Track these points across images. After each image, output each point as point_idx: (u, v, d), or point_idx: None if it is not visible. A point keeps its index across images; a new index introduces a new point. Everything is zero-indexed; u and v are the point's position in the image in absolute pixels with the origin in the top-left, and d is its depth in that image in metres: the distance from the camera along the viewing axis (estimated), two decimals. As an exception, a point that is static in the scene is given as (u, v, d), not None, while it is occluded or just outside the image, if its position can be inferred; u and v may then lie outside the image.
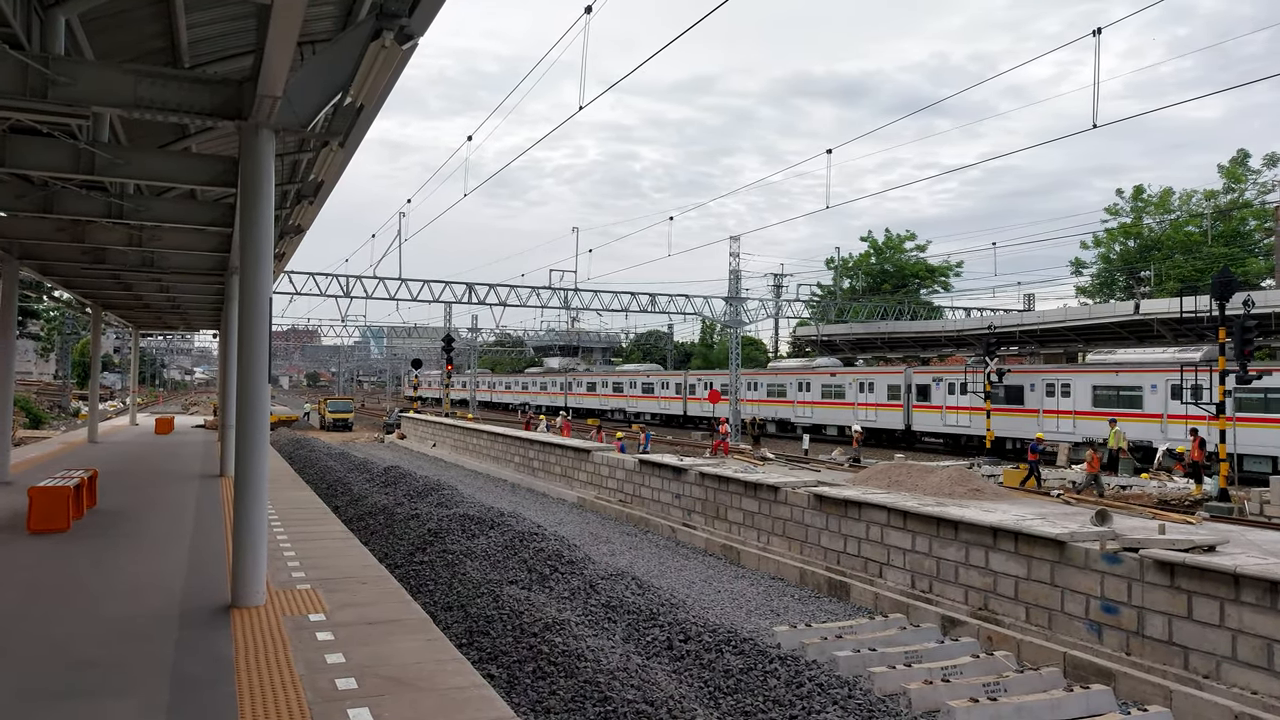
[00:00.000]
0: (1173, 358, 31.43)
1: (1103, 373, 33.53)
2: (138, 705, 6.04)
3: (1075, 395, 33.86)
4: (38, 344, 75.77)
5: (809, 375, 48.34)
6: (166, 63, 10.56)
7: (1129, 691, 10.71)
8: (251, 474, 8.62)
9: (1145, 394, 31.03)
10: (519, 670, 9.80)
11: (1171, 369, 29.25)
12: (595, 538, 20.93)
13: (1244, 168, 52.95)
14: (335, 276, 45.27)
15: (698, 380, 57.25)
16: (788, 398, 48.86)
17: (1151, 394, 30.68)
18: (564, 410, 63.98)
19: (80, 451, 25.19)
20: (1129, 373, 32.38)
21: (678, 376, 61.07)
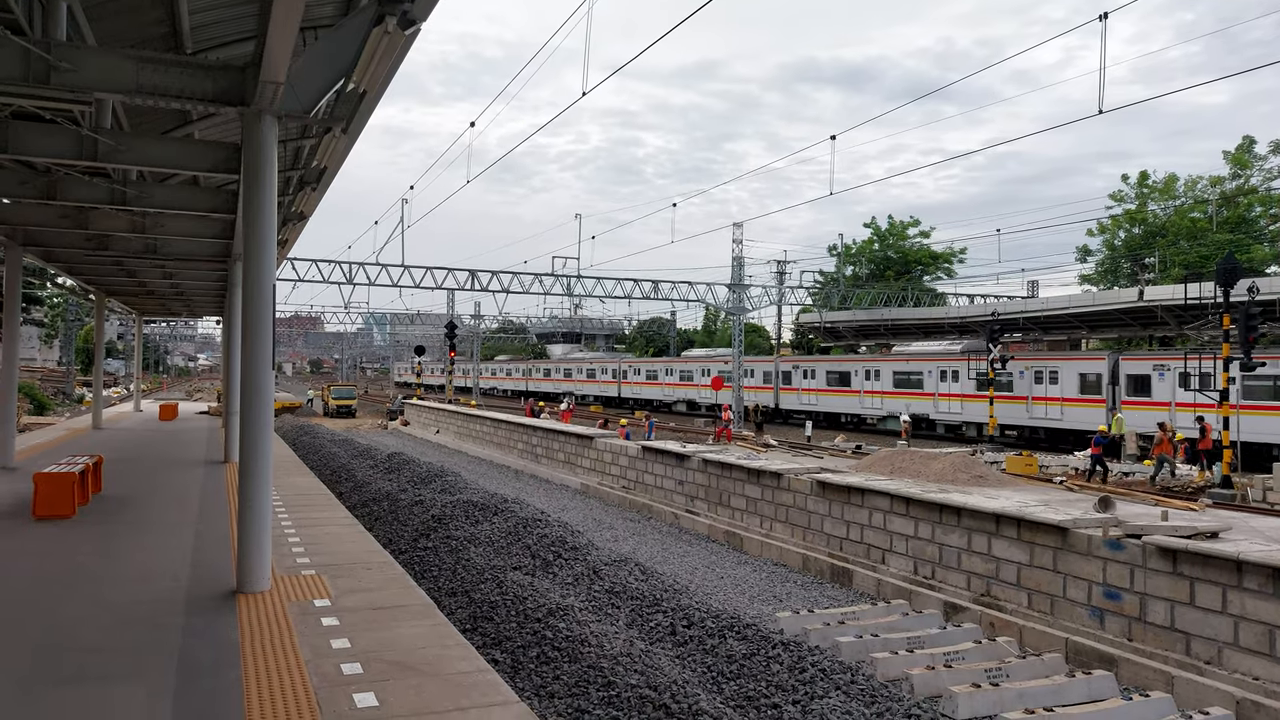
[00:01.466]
0: (944, 349, 41.38)
1: (899, 360, 43.05)
2: (145, 690, 6.08)
3: (883, 379, 42.88)
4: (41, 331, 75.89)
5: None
6: (168, 49, 10.53)
7: (1131, 677, 10.74)
8: (256, 460, 8.65)
9: (924, 379, 40.62)
10: (523, 655, 9.85)
11: (940, 358, 40.42)
12: (598, 524, 20.99)
13: (1250, 154, 52.66)
14: (338, 263, 45.27)
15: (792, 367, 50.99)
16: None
17: (929, 378, 40.44)
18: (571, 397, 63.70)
19: (85, 438, 25.27)
20: (915, 361, 41.56)
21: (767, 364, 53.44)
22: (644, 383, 62.65)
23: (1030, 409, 35.97)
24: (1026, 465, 24.67)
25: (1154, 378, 32.07)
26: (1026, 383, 35.93)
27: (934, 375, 40.31)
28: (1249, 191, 52.70)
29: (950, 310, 56.15)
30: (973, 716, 9.47)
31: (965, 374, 38.10)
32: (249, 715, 5.68)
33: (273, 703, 5.88)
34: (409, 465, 26.64)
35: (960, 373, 38.57)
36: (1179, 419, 29.17)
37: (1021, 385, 36.06)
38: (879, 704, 9.17)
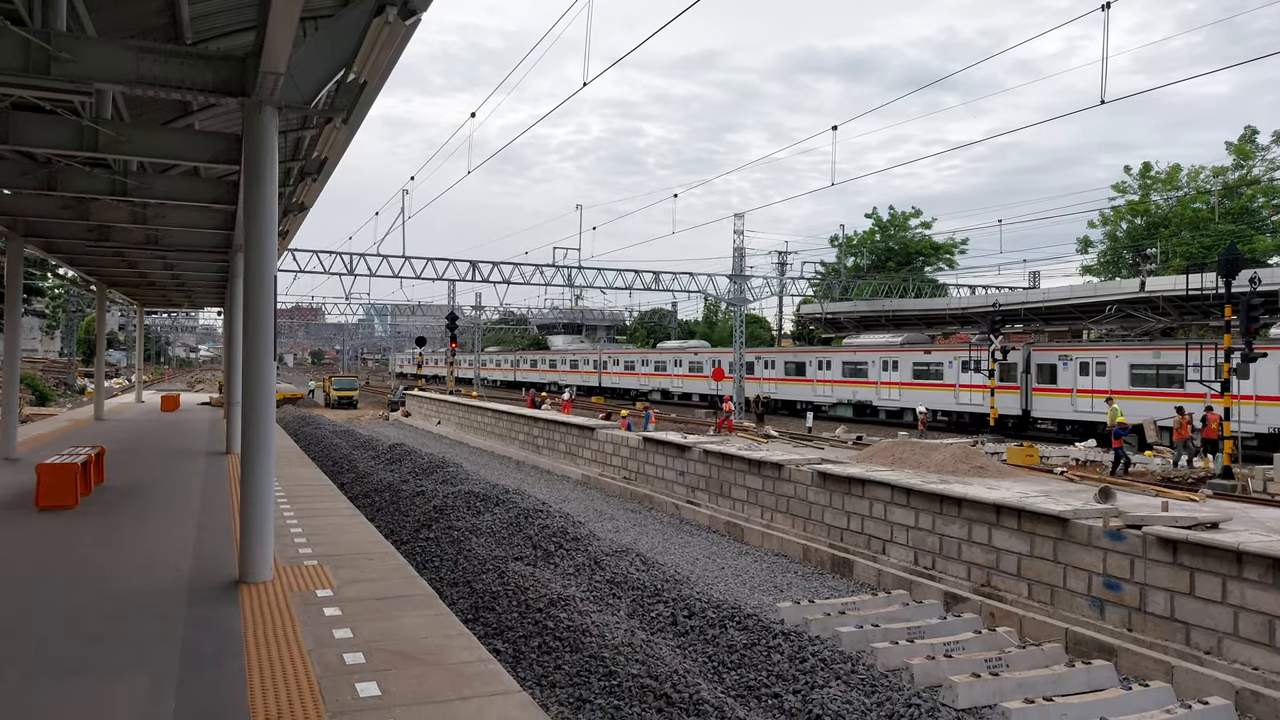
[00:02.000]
0: (886, 342, 45.22)
1: (847, 352, 46.46)
2: (148, 680, 6.11)
3: (833, 369, 46.26)
4: (43, 321, 75.90)
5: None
6: (168, 39, 10.50)
7: (1130, 667, 10.78)
8: (258, 451, 8.66)
9: (869, 368, 43.89)
10: (524, 645, 9.89)
11: (882, 350, 43.75)
12: (600, 515, 21.03)
13: (1253, 144, 52.50)
14: (339, 254, 45.22)
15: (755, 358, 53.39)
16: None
17: (872, 368, 43.76)
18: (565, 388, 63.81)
19: (87, 429, 25.31)
20: (861, 352, 45.31)
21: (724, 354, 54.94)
22: (622, 373, 66.18)
23: (958, 395, 39.34)
24: (1027, 456, 24.71)
25: (1059, 367, 35.16)
26: (955, 372, 39.19)
27: (876, 365, 43.53)
28: (1251, 182, 52.56)
29: (951, 301, 56.09)
30: (972, 706, 9.51)
31: (904, 364, 41.75)
32: (252, 705, 5.71)
33: (275, 692, 5.91)
34: (410, 456, 26.69)
35: (900, 363, 42.04)
36: (1078, 403, 33.97)
37: (950, 374, 39.39)
38: (879, 693, 9.20)
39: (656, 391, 61.81)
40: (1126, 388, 31.87)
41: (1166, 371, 31.42)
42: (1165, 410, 28.91)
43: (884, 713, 8.84)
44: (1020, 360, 36.58)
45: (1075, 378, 34.10)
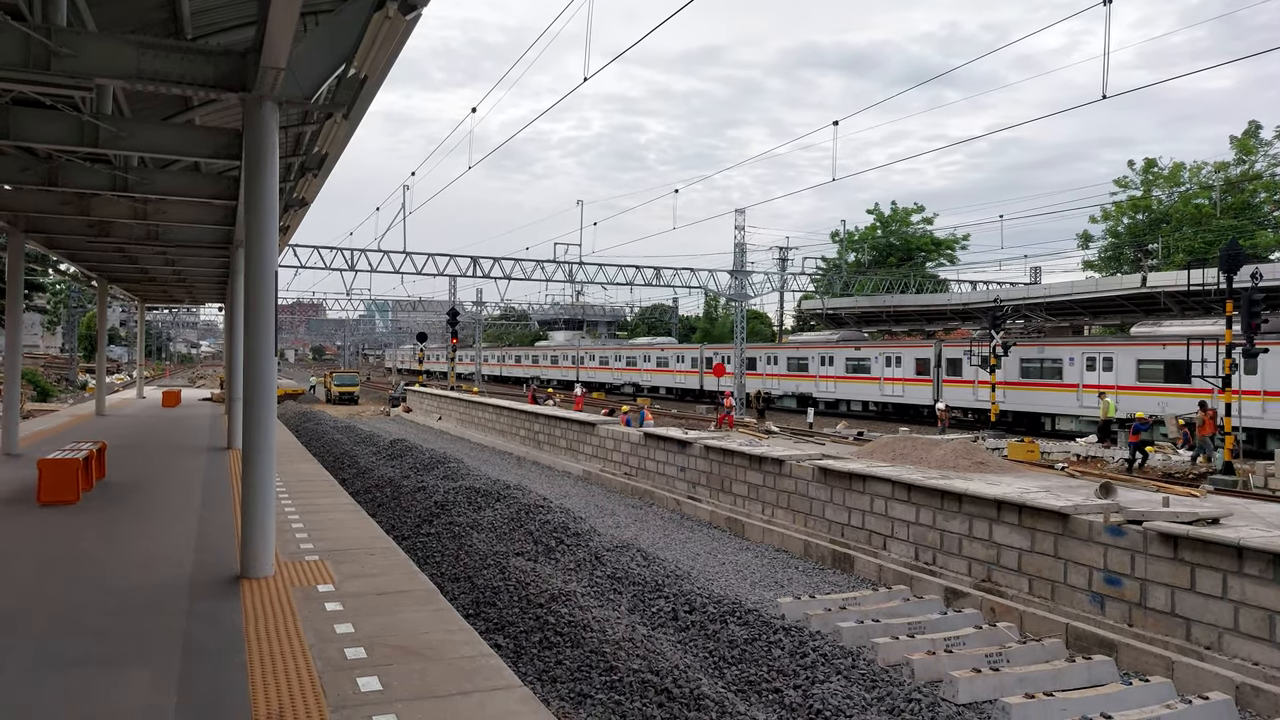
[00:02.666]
0: (824, 339, 49.41)
1: (791, 349, 49.87)
2: (151, 674, 6.12)
3: (779, 364, 49.46)
4: (44, 317, 75.92)
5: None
6: (168, 34, 10.49)
7: (1131, 662, 10.79)
8: (259, 446, 8.67)
9: (809, 363, 47.19)
10: (526, 640, 9.90)
11: (820, 346, 47.31)
12: (601, 510, 21.05)
13: (1256, 139, 52.38)
14: (340, 250, 45.21)
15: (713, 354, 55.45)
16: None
17: (812, 363, 47.00)
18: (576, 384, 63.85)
19: (88, 424, 25.33)
20: (803, 349, 48.67)
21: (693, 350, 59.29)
22: (597, 367, 69.80)
23: (882, 388, 42.59)
24: (1028, 452, 24.70)
25: (964, 361, 38.15)
26: (880, 366, 42.64)
27: (816, 361, 46.78)
28: (1253, 177, 52.46)
29: (953, 296, 56.06)
30: (973, 701, 9.52)
31: (839, 360, 45.15)
32: (254, 699, 5.73)
33: (277, 687, 5.92)
34: (411, 452, 26.72)
35: (835, 359, 45.44)
36: (978, 392, 37.40)
37: (876, 369, 42.83)
38: (880, 688, 9.22)
39: (628, 384, 64.97)
40: (1016, 379, 36.30)
41: (1051, 365, 35.13)
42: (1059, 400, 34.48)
43: (884, 708, 8.85)
44: (932, 356, 40.02)
45: (976, 372, 37.46)
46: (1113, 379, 32.69)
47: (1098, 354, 33.51)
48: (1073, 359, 34.14)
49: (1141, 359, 31.89)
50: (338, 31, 8.22)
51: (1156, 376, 31.14)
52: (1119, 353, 32.94)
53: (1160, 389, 30.59)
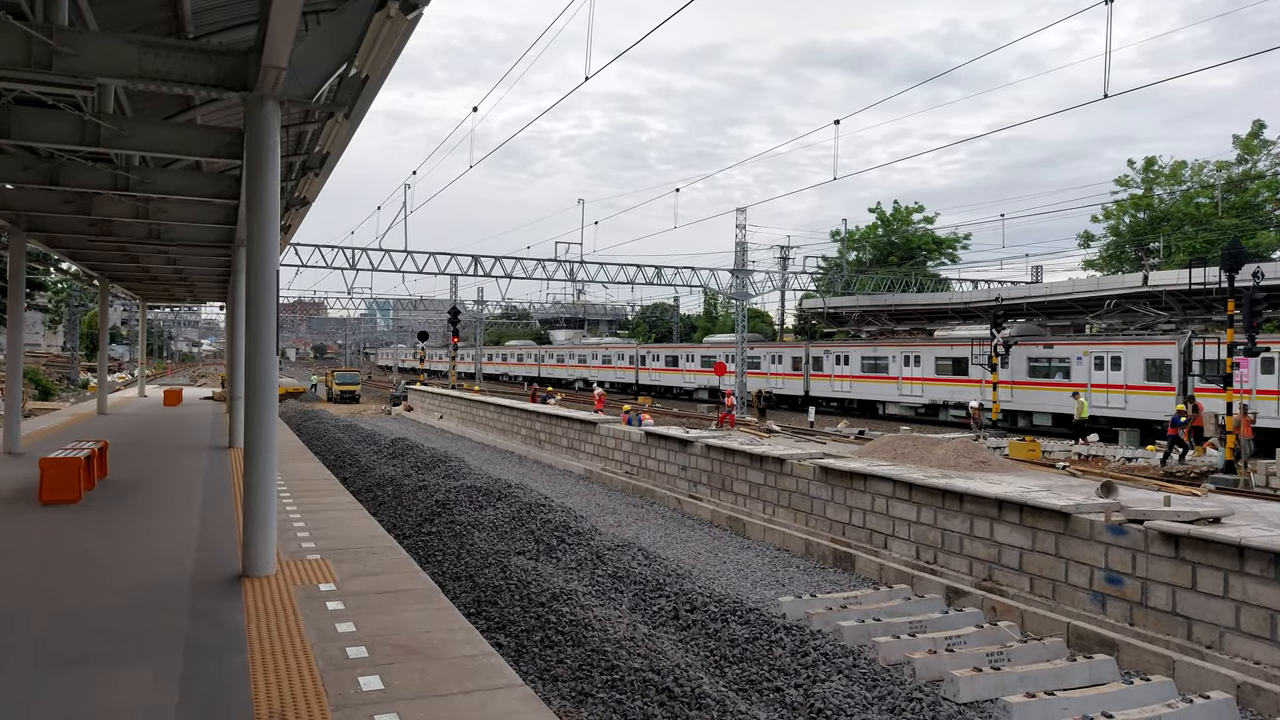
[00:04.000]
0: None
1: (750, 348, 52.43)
2: (153, 673, 6.13)
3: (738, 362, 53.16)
4: (46, 316, 75.96)
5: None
6: (170, 33, 10.50)
7: (1132, 661, 10.79)
8: (260, 445, 8.68)
9: (761, 362, 51.57)
10: (527, 639, 9.91)
11: (770, 346, 53.30)
12: (602, 509, 21.05)
13: (1259, 138, 52.31)
14: (341, 249, 45.26)
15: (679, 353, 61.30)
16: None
17: (764, 361, 51.43)
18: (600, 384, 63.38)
19: (90, 423, 25.35)
20: (757, 347, 52.49)
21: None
22: (555, 365, 77.57)
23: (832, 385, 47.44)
24: (1029, 450, 24.68)
25: (824, 359, 46.94)
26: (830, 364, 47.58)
27: (767, 359, 51.59)
28: (1255, 177, 52.40)
29: (954, 295, 56.03)
30: (974, 700, 9.52)
31: (786, 359, 50.27)
32: (255, 698, 5.73)
33: (279, 685, 5.93)
34: (413, 450, 26.73)
35: (782, 357, 50.74)
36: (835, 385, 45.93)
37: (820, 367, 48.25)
38: (881, 687, 9.22)
39: (579, 380, 71.31)
40: (858, 373, 45.11)
41: (881, 362, 43.97)
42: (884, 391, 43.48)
43: (885, 707, 8.85)
44: (803, 355, 48.56)
45: (834, 367, 46.12)
46: (920, 372, 41.93)
47: (911, 353, 42.91)
48: (894, 356, 43.23)
49: (939, 356, 40.84)
50: (339, 31, 8.22)
51: (947, 370, 40.42)
52: (924, 352, 42.07)
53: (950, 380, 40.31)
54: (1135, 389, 32.03)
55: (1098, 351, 34.05)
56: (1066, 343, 37.05)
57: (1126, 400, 32.46)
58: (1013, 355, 36.55)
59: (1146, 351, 31.98)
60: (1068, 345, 36.32)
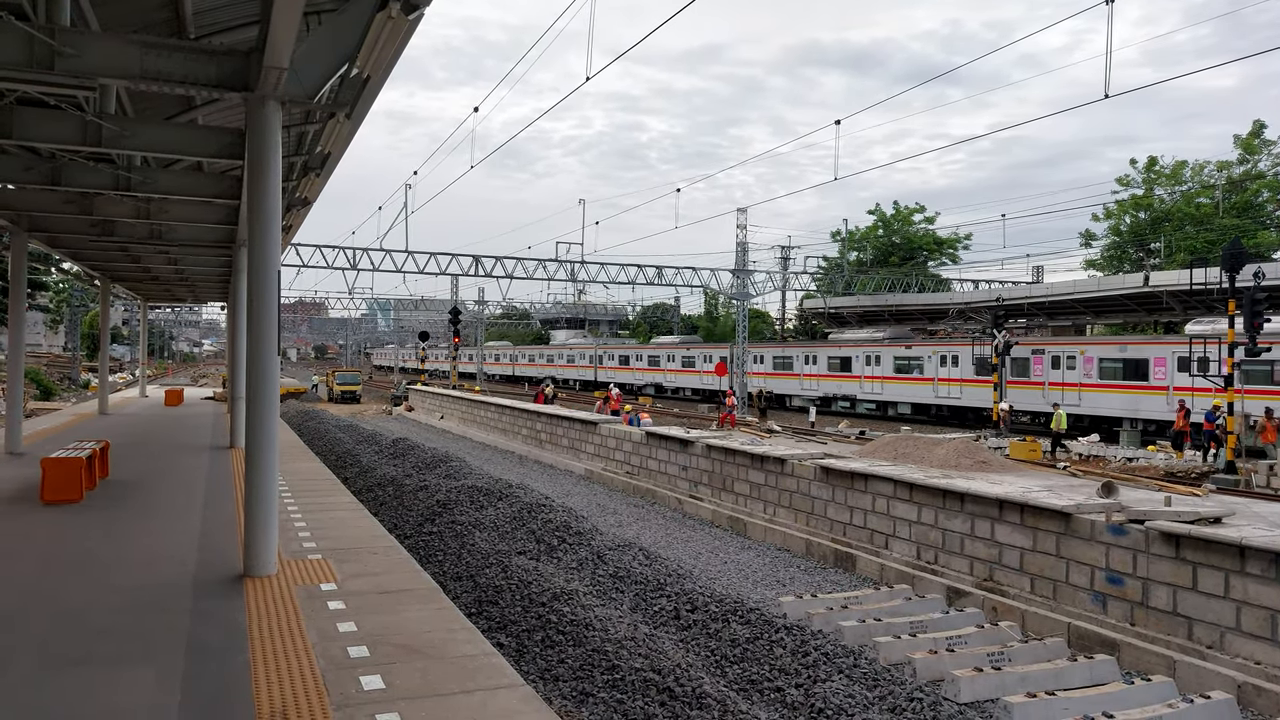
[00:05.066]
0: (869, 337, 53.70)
1: (698, 348, 58.35)
2: (154, 672, 6.14)
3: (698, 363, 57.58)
4: (47, 316, 76.00)
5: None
6: (171, 34, 10.51)
7: (1133, 661, 10.79)
8: (261, 445, 8.69)
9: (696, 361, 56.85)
10: (528, 639, 9.92)
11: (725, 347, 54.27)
12: (602, 509, 21.06)
13: (1260, 138, 52.27)
14: (342, 249, 45.30)
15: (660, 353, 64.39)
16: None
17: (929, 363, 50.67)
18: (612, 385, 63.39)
19: (91, 423, 25.37)
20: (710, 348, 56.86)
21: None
22: (528, 364, 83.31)
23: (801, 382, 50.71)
24: (1030, 451, 24.69)
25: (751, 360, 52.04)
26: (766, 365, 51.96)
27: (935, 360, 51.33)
28: (1256, 177, 52.38)
29: (955, 296, 56.06)
30: (975, 700, 9.52)
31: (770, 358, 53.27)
32: (257, 697, 5.74)
33: (280, 685, 5.94)
34: (414, 450, 26.74)
35: (766, 356, 53.12)
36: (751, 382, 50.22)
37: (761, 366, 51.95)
38: (881, 687, 9.22)
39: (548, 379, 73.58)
40: (770, 370, 51.17)
41: (784, 360, 50.55)
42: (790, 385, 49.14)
43: (886, 706, 8.86)
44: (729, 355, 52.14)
45: (753, 365, 51.85)
46: (818, 369, 47.54)
47: (808, 353, 48.86)
48: (797, 356, 49.61)
49: (830, 356, 46.92)
50: (340, 31, 8.23)
51: (836, 368, 46.37)
52: (819, 352, 48.29)
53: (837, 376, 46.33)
54: (968, 382, 38.60)
55: (942, 351, 40.92)
56: (921, 344, 44.23)
57: (962, 390, 39.23)
58: (883, 355, 43.81)
59: (976, 351, 38.18)
60: (921, 346, 43.42)
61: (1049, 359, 35.83)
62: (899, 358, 42.86)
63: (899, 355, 42.89)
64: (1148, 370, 31.88)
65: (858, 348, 45.53)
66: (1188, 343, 28.16)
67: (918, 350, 42.42)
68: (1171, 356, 30.95)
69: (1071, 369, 34.71)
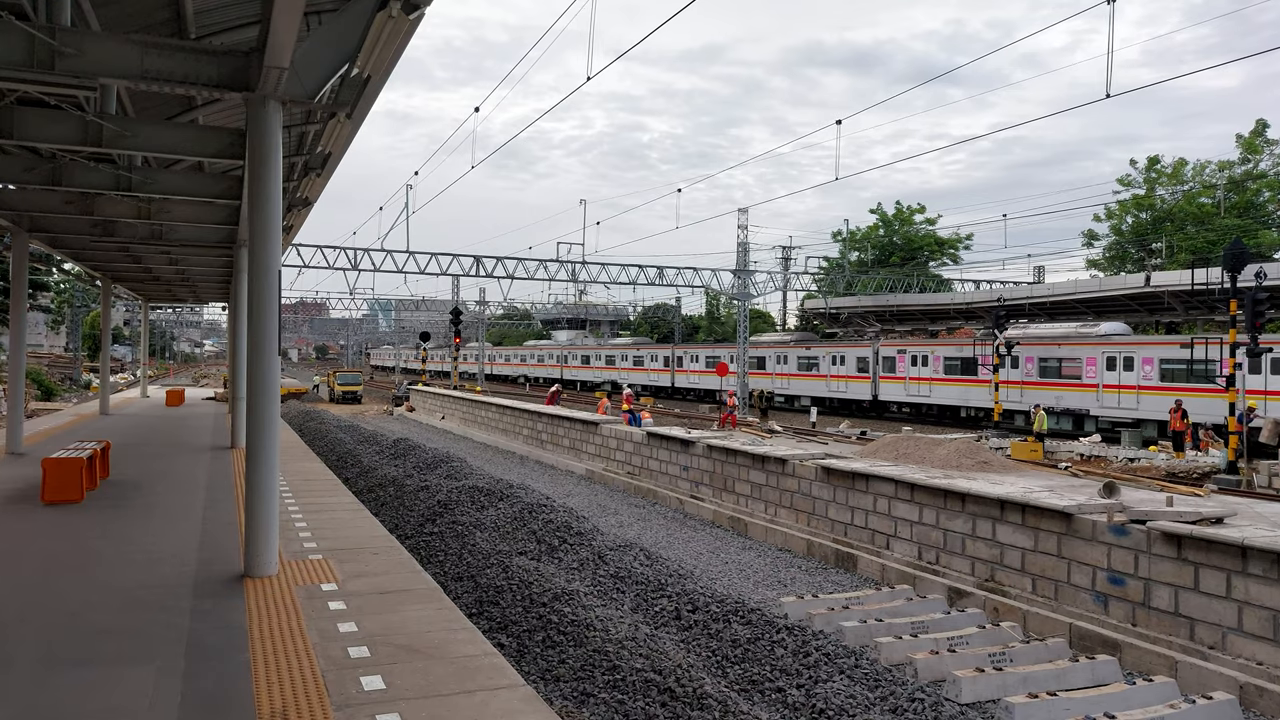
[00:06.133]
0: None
1: (667, 349, 64.61)
2: (155, 672, 6.13)
3: (657, 361, 63.86)
4: (48, 316, 76.01)
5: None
6: (172, 34, 10.51)
7: (1134, 662, 10.77)
8: (262, 445, 8.68)
9: (684, 360, 61.28)
10: (529, 639, 9.91)
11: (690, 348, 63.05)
12: (603, 509, 21.05)
13: (1262, 138, 52.20)
14: (343, 249, 45.30)
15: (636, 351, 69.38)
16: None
17: (686, 360, 61.54)
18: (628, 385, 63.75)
19: (92, 423, 25.38)
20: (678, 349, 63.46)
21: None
22: (502, 364, 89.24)
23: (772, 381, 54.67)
24: (1031, 451, 24.69)
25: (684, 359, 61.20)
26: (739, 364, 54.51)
27: (688, 359, 60.22)
28: (1258, 176, 52.32)
29: (956, 296, 56.03)
30: (976, 700, 9.51)
31: (701, 358, 58.49)
32: (258, 698, 5.74)
33: (281, 685, 5.93)
34: (415, 451, 26.74)
35: (699, 356, 58.95)
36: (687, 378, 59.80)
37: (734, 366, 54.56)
38: (883, 688, 9.21)
39: (522, 377, 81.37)
40: (701, 368, 57.95)
41: (712, 358, 55.44)
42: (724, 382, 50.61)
43: (887, 707, 8.85)
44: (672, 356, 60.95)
45: (676, 365, 60.24)
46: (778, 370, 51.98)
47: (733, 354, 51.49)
48: (726, 356, 52.75)
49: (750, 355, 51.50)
50: (341, 31, 8.23)
51: (753, 366, 51.68)
52: (698, 352, 58.67)
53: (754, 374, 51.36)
54: (851, 378, 46.18)
55: (833, 353, 48.06)
56: (819, 346, 51.38)
57: (847, 385, 46.45)
58: (790, 355, 50.80)
59: (857, 352, 46.30)
60: (819, 348, 50.36)
61: (909, 358, 42.66)
62: (801, 358, 50.24)
63: (801, 355, 50.35)
64: (975, 367, 38.34)
65: (770, 349, 52.83)
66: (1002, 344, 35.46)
67: (815, 351, 49.96)
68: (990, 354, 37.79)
69: (925, 365, 41.50)
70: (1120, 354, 33.32)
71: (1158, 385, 31.22)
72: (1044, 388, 36.06)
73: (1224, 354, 23.31)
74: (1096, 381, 33.81)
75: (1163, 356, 31.68)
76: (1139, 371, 32.33)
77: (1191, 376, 30.22)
